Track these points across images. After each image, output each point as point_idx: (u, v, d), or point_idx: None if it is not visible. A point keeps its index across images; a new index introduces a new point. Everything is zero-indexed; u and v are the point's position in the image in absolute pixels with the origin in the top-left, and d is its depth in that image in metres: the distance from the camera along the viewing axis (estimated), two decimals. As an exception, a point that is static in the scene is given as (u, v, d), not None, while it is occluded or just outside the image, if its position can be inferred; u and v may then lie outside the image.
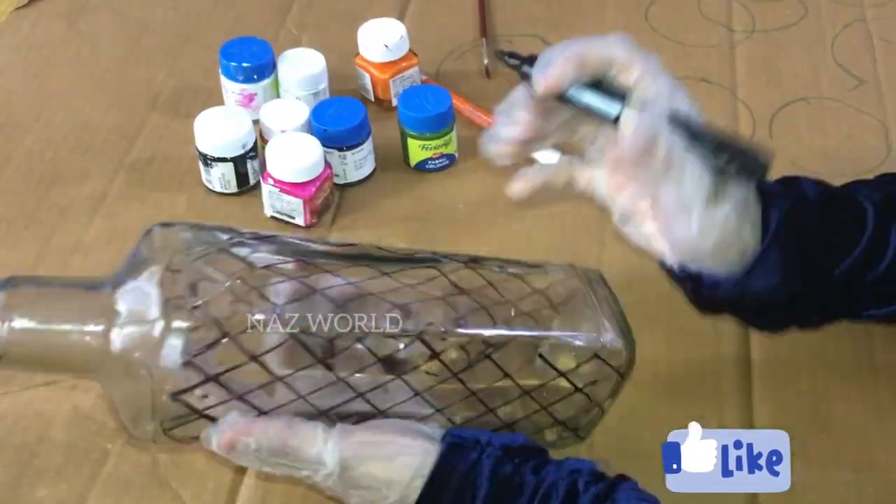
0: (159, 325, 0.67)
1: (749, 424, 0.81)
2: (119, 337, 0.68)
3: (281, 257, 0.73)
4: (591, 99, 0.71)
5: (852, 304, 0.77)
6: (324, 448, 0.68)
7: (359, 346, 0.70)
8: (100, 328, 0.68)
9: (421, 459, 0.68)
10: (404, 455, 0.69)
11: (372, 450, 0.69)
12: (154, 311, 0.68)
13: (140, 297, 0.69)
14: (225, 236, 0.72)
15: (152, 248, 0.71)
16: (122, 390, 0.70)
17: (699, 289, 0.75)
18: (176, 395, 0.68)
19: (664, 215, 0.72)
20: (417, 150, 0.99)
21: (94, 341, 0.68)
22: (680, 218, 0.72)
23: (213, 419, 0.69)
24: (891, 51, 1.10)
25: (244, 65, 1.01)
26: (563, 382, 0.73)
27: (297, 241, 0.75)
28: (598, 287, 0.77)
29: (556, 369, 0.73)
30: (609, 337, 0.74)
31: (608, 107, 0.71)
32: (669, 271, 0.76)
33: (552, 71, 0.71)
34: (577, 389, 0.74)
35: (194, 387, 0.68)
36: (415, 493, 0.68)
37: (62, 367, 0.73)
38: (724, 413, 0.82)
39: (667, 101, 0.70)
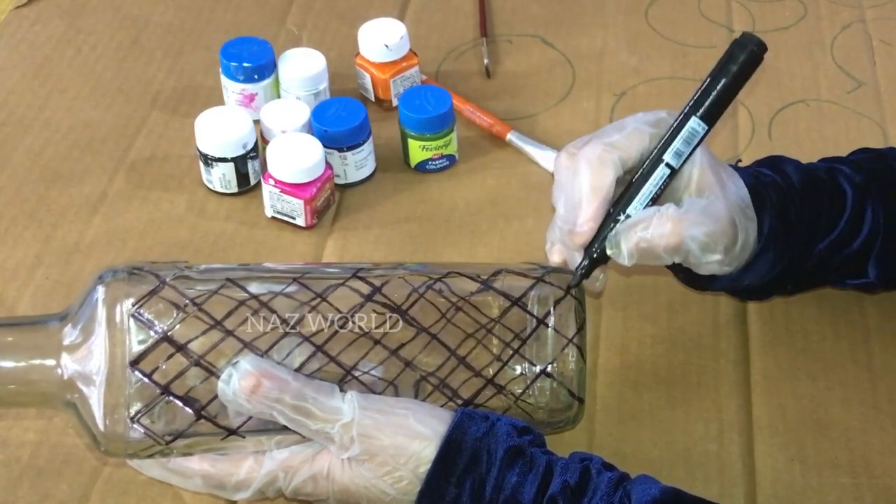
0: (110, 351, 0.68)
1: (748, 427, 0.81)
2: (70, 366, 0.69)
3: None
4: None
5: (825, 277, 0.83)
6: (342, 399, 0.69)
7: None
8: (51, 362, 0.69)
9: (434, 428, 0.69)
10: (418, 420, 0.69)
11: (388, 410, 0.69)
12: (102, 336, 0.69)
13: (88, 324, 0.69)
14: (168, 271, 0.72)
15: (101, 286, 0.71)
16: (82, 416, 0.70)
17: (694, 279, 0.80)
18: (135, 418, 0.69)
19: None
20: (418, 151, 0.99)
21: (46, 375, 0.69)
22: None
23: (173, 436, 0.70)
24: (889, 53, 1.10)
25: (244, 65, 1.01)
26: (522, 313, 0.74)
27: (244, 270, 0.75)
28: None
29: (505, 295, 0.74)
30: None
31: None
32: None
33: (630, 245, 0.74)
34: (539, 321, 0.74)
35: (150, 407, 0.69)
36: (425, 464, 0.68)
37: (20, 403, 0.74)
38: (724, 415, 0.82)
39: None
